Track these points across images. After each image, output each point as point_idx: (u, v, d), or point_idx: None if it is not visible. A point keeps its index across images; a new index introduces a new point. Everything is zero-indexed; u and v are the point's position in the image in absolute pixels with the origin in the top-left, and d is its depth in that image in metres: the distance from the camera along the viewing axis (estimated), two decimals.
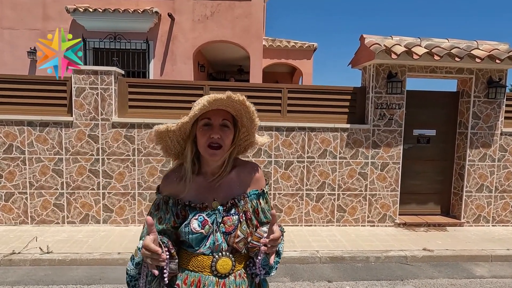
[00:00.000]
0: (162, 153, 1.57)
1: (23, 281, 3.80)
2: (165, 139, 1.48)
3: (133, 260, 1.40)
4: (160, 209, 1.46)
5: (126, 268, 1.44)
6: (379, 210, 5.64)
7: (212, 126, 1.38)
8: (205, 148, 1.38)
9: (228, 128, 1.40)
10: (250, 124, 1.43)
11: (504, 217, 5.86)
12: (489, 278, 4.16)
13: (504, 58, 5.23)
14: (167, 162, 5.31)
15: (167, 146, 1.51)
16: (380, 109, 5.48)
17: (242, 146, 1.57)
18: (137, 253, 1.38)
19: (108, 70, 5.14)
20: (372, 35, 5.64)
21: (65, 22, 9.30)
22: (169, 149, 1.53)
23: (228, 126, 1.40)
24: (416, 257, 4.56)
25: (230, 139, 1.42)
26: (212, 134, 1.36)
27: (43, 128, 5.11)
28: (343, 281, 4.00)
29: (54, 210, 5.22)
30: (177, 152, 1.53)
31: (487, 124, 5.67)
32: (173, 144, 1.50)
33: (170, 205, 1.44)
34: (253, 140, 1.53)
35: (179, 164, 1.54)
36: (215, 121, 1.38)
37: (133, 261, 1.40)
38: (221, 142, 1.37)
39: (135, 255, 1.40)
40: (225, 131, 1.39)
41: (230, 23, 9.50)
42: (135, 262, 1.39)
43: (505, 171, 5.79)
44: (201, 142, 1.39)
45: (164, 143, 1.50)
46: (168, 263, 1.35)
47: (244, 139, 1.53)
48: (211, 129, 1.38)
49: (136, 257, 1.39)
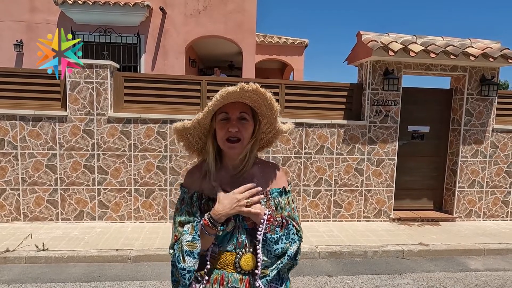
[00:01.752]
0: (185, 151, 1.55)
1: (19, 279, 3.71)
2: (186, 136, 1.47)
3: (192, 254, 1.31)
4: (185, 203, 1.44)
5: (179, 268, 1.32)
6: (375, 206, 5.71)
7: (229, 119, 1.37)
8: (224, 142, 1.37)
9: (246, 120, 1.38)
10: (270, 111, 1.40)
11: (495, 212, 6.01)
12: (484, 271, 4.27)
13: (497, 56, 5.34)
14: (163, 158, 5.25)
15: (189, 143, 1.50)
16: (376, 105, 5.53)
17: (266, 139, 1.55)
18: (194, 244, 1.31)
19: (103, 64, 5.04)
20: (369, 32, 5.67)
21: (53, 14, 9.08)
22: (191, 146, 1.52)
23: (247, 119, 1.38)
24: (413, 251, 4.64)
25: (250, 131, 1.40)
26: (230, 128, 1.35)
27: (36, 123, 4.98)
28: (343, 276, 4.04)
29: (48, 206, 5.11)
30: (199, 148, 1.53)
31: (480, 121, 5.79)
32: (195, 140, 1.49)
33: (194, 200, 1.42)
34: (276, 129, 1.49)
35: (202, 159, 1.52)
36: (233, 115, 1.37)
37: (193, 254, 1.31)
38: (239, 136, 1.36)
39: (192, 248, 1.31)
40: (243, 124, 1.37)
41: (223, 17, 9.42)
42: (196, 253, 1.31)
43: (496, 167, 5.93)
44: (219, 136, 1.38)
45: (185, 140, 1.49)
46: (212, 246, 1.37)
47: (267, 131, 1.51)
48: (229, 122, 1.36)
49: (196, 249, 1.30)
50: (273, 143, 1.59)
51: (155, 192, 5.27)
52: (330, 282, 3.88)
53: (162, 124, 5.20)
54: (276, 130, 1.50)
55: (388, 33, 5.69)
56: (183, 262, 1.31)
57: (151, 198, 5.27)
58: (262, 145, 1.57)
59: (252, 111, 1.42)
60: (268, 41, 12.58)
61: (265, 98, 1.34)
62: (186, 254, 1.30)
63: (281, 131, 1.50)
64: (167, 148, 5.24)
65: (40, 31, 9.08)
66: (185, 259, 1.30)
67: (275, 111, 1.39)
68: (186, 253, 1.30)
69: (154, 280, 3.78)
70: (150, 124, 5.17)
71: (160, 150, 5.22)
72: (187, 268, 1.31)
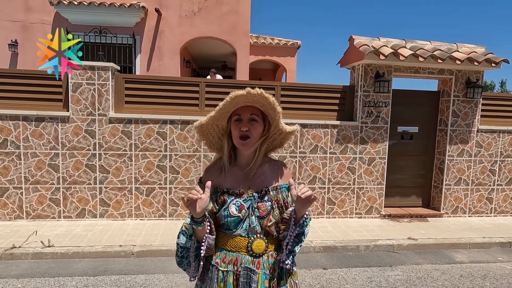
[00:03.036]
0: (208, 148, 1.78)
1: (28, 274, 3.85)
2: (207, 135, 1.72)
3: (185, 234, 1.60)
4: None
5: (176, 242, 1.63)
6: (366, 203, 5.96)
7: (242, 120, 1.59)
8: (237, 140, 1.60)
9: (256, 121, 1.61)
10: (273, 113, 1.62)
11: (479, 208, 6.32)
12: (468, 263, 4.54)
13: (481, 60, 5.63)
14: (163, 157, 5.41)
15: (210, 141, 1.75)
16: (368, 106, 5.78)
17: (277, 140, 1.77)
18: (188, 227, 1.59)
19: (105, 65, 5.18)
20: (361, 36, 5.92)
21: (48, 14, 9.14)
22: (212, 144, 1.77)
23: (256, 120, 1.61)
24: (402, 245, 4.90)
25: (259, 131, 1.62)
26: (242, 127, 1.58)
27: (38, 123, 5.10)
28: (337, 268, 4.27)
29: (50, 204, 5.24)
30: (219, 147, 1.76)
31: (465, 121, 6.08)
32: (214, 139, 1.74)
33: (211, 193, 1.62)
34: (280, 129, 1.69)
35: (218, 157, 1.74)
36: (244, 116, 1.59)
37: (186, 234, 1.60)
38: (249, 134, 1.59)
39: (186, 230, 1.60)
40: (253, 124, 1.60)
41: (218, 19, 9.59)
42: (188, 234, 1.59)
43: (480, 166, 6.23)
44: (234, 134, 1.61)
45: (207, 138, 1.73)
46: (207, 238, 1.55)
47: (278, 132, 1.72)
48: (241, 123, 1.59)
49: (188, 231, 1.59)
50: (285, 144, 1.80)
51: (155, 190, 5.43)
52: (325, 274, 4.10)
53: (162, 125, 5.36)
54: (282, 131, 1.71)
55: (379, 38, 5.94)
56: (177, 239, 1.63)
57: (151, 196, 5.44)
58: (274, 145, 1.80)
59: (262, 114, 1.63)
60: (261, 42, 12.79)
61: (268, 101, 1.56)
62: (181, 233, 1.61)
63: (285, 131, 1.71)
64: (167, 148, 5.41)
65: (35, 31, 9.13)
66: (180, 237, 1.61)
67: (277, 113, 1.61)
68: (182, 232, 1.61)
69: (158, 274, 3.96)
70: (150, 124, 5.33)
71: (160, 149, 5.39)
72: (179, 243, 1.61)
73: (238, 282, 1.58)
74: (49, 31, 9.21)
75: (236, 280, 1.59)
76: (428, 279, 4.04)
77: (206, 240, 1.54)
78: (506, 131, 6.25)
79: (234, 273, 1.59)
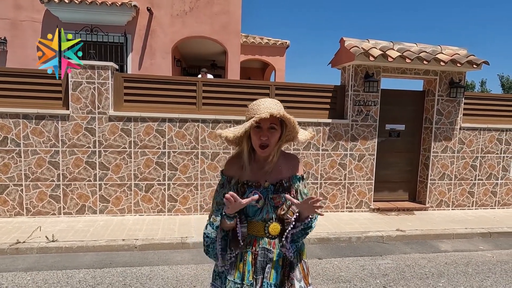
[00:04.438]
0: (226, 143, 1.96)
1: (35, 267, 3.97)
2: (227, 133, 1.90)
3: (212, 225, 1.76)
4: (224, 187, 1.85)
5: (204, 233, 1.79)
6: (356, 197, 6.25)
7: (261, 129, 1.77)
8: (257, 147, 1.79)
9: (275, 129, 1.79)
10: (292, 129, 1.81)
11: (462, 202, 6.69)
12: (452, 252, 4.86)
13: (464, 62, 5.98)
14: (162, 154, 5.57)
15: (228, 138, 1.92)
16: (358, 105, 6.06)
17: (290, 136, 1.98)
18: (215, 219, 1.75)
19: (105, 65, 5.29)
20: (351, 38, 6.19)
21: (38, 12, 9.12)
22: (229, 141, 1.94)
23: (275, 128, 1.79)
24: (391, 236, 5.19)
25: (277, 137, 1.81)
26: (261, 137, 1.76)
27: (39, 121, 5.19)
28: (331, 258, 4.52)
29: (50, 201, 5.33)
30: (236, 141, 1.94)
31: (449, 120, 6.43)
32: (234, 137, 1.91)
33: (232, 184, 1.82)
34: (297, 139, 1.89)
35: (238, 151, 1.94)
36: (264, 126, 1.77)
37: (213, 225, 1.76)
38: (268, 142, 1.77)
39: (213, 221, 1.76)
40: (272, 133, 1.78)
41: (209, 19, 9.74)
42: (215, 226, 1.75)
43: (462, 161, 6.60)
44: (254, 141, 1.80)
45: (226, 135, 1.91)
46: (240, 227, 1.75)
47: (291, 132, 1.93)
48: (261, 131, 1.77)
49: (216, 222, 1.75)
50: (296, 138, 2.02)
51: (154, 186, 5.58)
52: (320, 263, 4.35)
53: (161, 122, 5.51)
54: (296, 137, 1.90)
55: (368, 39, 6.22)
56: (204, 229, 1.78)
57: (150, 192, 5.58)
58: (288, 139, 2.00)
59: (280, 120, 1.82)
60: (251, 42, 12.98)
61: (289, 121, 1.73)
62: (208, 224, 1.77)
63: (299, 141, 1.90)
64: (166, 145, 5.56)
65: (24, 29, 9.11)
66: (207, 227, 1.77)
67: (296, 131, 1.81)
68: (209, 223, 1.77)
69: (162, 265, 4.13)
70: (149, 122, 5.48)
71: (159, 147, 5.54)
72: (206, 233, 1.76)
73: (256, 261, 1.80)
74: (39, 29, 9.21)
75: (254, 259, 1.80)
76: (416, 266, 4.33)
77: (240, 230, 1.75)
78: (486, 128, 6.63)
79: (252, 253, 1.80)
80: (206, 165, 5.72)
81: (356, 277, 3.99)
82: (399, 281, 3.92)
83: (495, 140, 6.69)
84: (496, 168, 6.76)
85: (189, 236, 4.81)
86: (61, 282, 3.67)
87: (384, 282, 3.87)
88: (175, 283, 3.72)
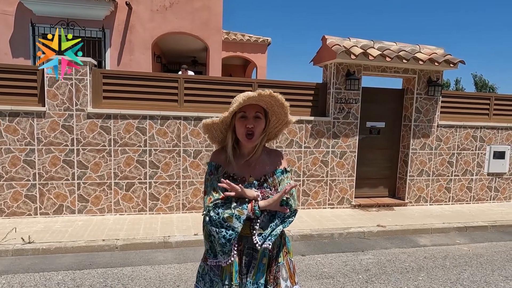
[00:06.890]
0: (209, 141, 1.95)
1: (11, 270, 3.82)
2: (211, 130, 1.90)
3: (239, 218, 1.65)
4: (214, 174, 1.82)
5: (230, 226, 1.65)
6: (338, 194, 6.32)
7: (247, 118, 1.78)
8: (243, 136, 1.79)
9: (260, 118, 1.80)
10: (281, 109, 1.81)
11: (439, 197, 6.88)
12: (431, 246, 4.99)
13: (441, 61, 6.12)
14: (143, 152, 5.46)
15: (212, 135, 1.94)
16: (339, 103, 6.11)
17: (272, 133, 1.99)
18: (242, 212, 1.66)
19: (83, 60, 5.12)
20: (333, 36, 6.23)
21: (10, 5, 8.78)
22: (213, 138, 1.96)
23: (260, 117, 1.80)
24: (372, 232, 5.28)
25: (262, 127, 1.82)
26: (247, 124, 1.77)
27: (13, 118, 4.99)
28: (314, 254, 4.56)
29: (26, 201, 5.14)
30: (220, 140, 1.96)
31: (427, 117, 6.58)
32: (217, 133, 1.93)
33: (220, 172, 1.81)
34: (288, 121, 1.90)
35: (222, 145, 1.93)
36: (250, 114, 1.78)
37: (240, 219, 1.65)
38: (254, 130, 1.78)
39: (240, 214, 1.65)
40: (257, 121, 1.79)
41: (190, 15, 9.62)
42: (242, 219, 1.66)
43: (440, 158, 6.78)
44: (239, 131, 1.80)
45: (210, 133, 1.92)
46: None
47: (274, 126, 1.94)
48: (247, 120, 1.78)
49: (242, 215, 1.65)
50: (278, 136, 2.02)
51: (135, 185, 5.47)
52: (304, 260, 4.38)
53: (142, 120, 5.41)
54: (285, 122, 1.92)
55: (349, 38, 6.28)
56: (230, 221, 1.64)
57: (131, 191, 5.47)
58: (270, 137, 2.00)
59: (264, 110, 1.83)
60: (232, 38, 12.90)
61: (277, 99, 1.76)
62: (234, 217, 1.65)
63: (290, 122, 1.91)
64: (147, 143, 5.46)
65: None
66: (233, 220, 1.64)
67: (285, 107, 1.81)
68: (235, 216, 1.65)
69: (144, 265, 4.06)
70: (129, 119, 5.36)
71: (139, 144, 5.43)
72: (232, 226, 1.64)
73: (242, 261, 1.78)
74: (12, 23, 8.86)
75: (240, 258, 1.78)
76: (396, 261, 4.42)
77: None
78: (462, 126, 6.83)
79: (239, 252, 1.78)
80: (189, 163, 5.65)
81: (339, 272, 4.04)
82: (380, 276, 3.99)
83: (470, 137, 6.90)
84: (471, 164, 6.98)
85: (171, 235, 4.74)
86: (38, 285, 3.55)
87: (366, 277, 3.94)
88: (158, 283, 3.67)
